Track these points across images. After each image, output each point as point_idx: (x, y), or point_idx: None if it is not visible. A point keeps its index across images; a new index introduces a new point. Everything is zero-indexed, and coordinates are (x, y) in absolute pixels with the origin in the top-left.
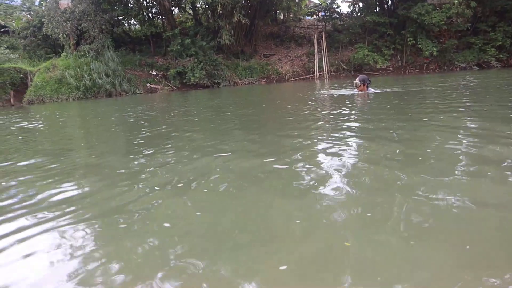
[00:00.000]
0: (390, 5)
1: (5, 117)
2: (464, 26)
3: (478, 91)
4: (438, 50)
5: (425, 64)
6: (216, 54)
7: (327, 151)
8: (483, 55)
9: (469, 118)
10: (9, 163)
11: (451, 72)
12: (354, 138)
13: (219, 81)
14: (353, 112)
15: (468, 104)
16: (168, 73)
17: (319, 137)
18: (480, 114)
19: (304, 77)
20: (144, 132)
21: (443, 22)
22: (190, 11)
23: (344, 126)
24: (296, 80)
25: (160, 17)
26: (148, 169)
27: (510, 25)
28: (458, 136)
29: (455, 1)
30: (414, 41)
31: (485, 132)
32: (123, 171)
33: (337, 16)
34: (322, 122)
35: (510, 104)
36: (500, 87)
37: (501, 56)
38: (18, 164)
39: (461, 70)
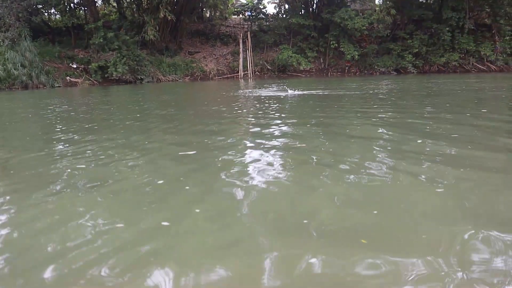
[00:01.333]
0: (315, 9)
1: None
2: (384, 33)
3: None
4: (360, 54)
5: (347, 68)
6: (140, 49)
7: (250, 148)
8: (401, 61)
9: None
10: None
11: (371, 76)
12: (279, 137)
13: (142, 77)
14: (278, 112)
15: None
16: (90, 66)
17: (243, 135)
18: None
19: (229, 76)
20: (65, 130)
21: (364, 28)
22: (114, 4)
23: (269, 124)
24: (220, 78)
25: (83, 8)
26: (67, 169)
27: (426, 33)
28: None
29: (377, 8)
30: (337, 45)
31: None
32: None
33: (263, 16)
34: (244, 123)
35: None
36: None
37: (417, 62)
38: None
39: (380, 74)
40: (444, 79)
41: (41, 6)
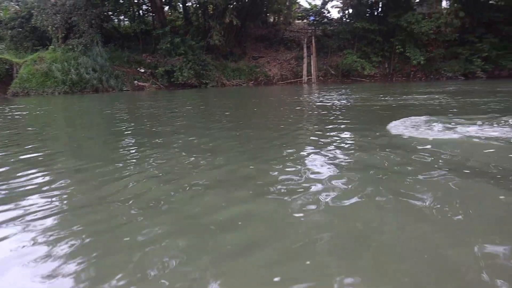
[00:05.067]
0: (380, 12)
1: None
2: (452, 36)
3: None
4: (426, 59)
5: (412, 72)
6: (205, 54)
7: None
8: (469, 66)
9: None
10: None
11: (438, 81)
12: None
13: (207, 81)
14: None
15: None
16: (156, 71)
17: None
18: None
19: (292, 80)
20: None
21: (431, 32)
22: (181, 10)
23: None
24: (284, 83)
25: (151, 15)
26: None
27: (496, 36)
28: None
29: (444, 11)
30: (402, 49)
31: None
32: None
33: (327, 21)
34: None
35: None
36: None
37: (486, 67)
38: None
39: (447, 80)
40: None
41: (111, 13)
